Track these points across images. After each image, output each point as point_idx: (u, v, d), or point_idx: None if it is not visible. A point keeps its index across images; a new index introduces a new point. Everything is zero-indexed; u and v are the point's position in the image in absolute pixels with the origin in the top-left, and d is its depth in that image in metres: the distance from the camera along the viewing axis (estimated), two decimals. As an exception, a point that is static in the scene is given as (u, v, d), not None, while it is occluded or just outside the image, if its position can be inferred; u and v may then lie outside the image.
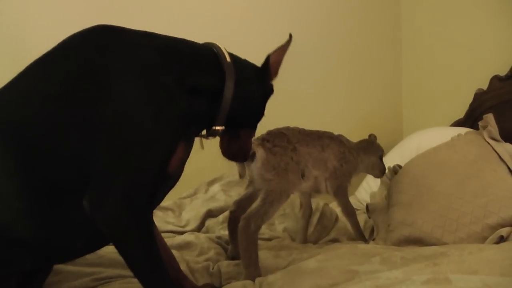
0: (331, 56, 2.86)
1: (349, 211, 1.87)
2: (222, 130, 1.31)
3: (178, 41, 1.25)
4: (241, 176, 1.65)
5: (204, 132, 1.33)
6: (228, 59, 1.27)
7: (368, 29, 3.00)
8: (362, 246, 1.61)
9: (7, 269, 1.12)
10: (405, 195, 1.87)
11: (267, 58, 1.38)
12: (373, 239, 1.90)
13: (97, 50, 1.13)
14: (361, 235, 1.89)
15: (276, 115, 1.60)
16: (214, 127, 1.29)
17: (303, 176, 1.66)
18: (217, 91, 1.25)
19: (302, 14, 2.77)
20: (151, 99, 1.10)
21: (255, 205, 1.56)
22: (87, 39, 1.15)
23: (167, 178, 1.16)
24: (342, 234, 2.03)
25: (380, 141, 2.73)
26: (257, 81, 1.36)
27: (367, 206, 2.13)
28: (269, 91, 1.41)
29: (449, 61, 2.80)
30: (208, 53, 1.28)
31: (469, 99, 2.58)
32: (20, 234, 1.08)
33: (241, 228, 1.48)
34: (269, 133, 1.64)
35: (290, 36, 1.41)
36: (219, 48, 1.29)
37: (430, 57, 2.93)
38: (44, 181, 1.06)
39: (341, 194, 1.84)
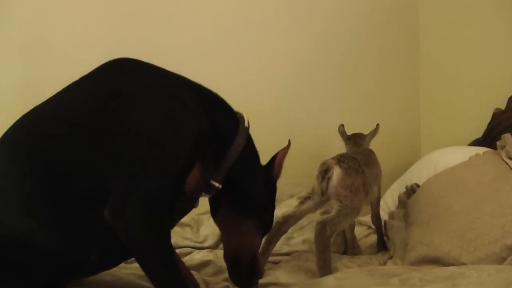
0: (349, 74, 2.88)
1: (379, 218, 2.06)
2: (218, 189, 1.33)
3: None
4: (323, 194, 1.73)
5: None
6: (246, 123, 1.38)
7: (386, 46, 3.01)
8: (380, 267, 1.61)
9: (25, 280, 1.14)
10: (423, 214, 1.87)
11: (274, 156, 1.49)
12: (390, 257, 1.91)
13: (122, 77, 1.25)
14: (383, 243, 2.04)
15: (292, 129, 1.64)
16: (211, 181, 1.31)
17: (367, 194, 1.82)
18: (227, 142, 1.34)
19: (321, 31, 2.79)
20: (170, 115, 1.19)
21: (329, 214, 1.72)
22: (113, 68, 1.27)
23: (184, 196, 1.21)
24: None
25: (398, 159, 2.75)
26: (261, 172, 1.46)
27: (384, 223, 2.14)
28: (271, 187, 1.49)
29: (467, 80, 2.80)
30: (230, 108, 1.41)
31: (487, 118, 2.58)
32: (39, 244, 1.12)
33: (317, 232, 1.63)
34: (342, 155, 1.80)
35: (289, 142, 1.52)
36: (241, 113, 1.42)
37: (448, 76, 2.93)
38: (67, 192, 1.12)
39: (379, 201, 2.05)
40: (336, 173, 1.69)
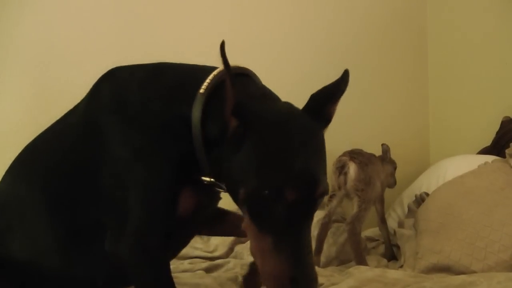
0: (357, 82, 2.88)
1: (385, 221, 2.14)
2: (212, 183, 1.09)
3: (168, 70, 1.21)
4: (340, 188, 1.91)
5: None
6: (202, 89, 1.06)
7: (395, 54, 3.02)
8: (391, 271, 1.61)
9: None
10: (433, 223, 1.88)
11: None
12: (401, 266, 1.91)
13: (99, 108, 1.17)
14: (391, 250, 2.11)
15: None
16: (201, 177, 1.10)
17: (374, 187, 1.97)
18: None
19: (327, 38, 2.81)
20: (147, 147, 1.10)
21: (352, 212, 1.90)
22: (94, 97, 1.20)
23: (183, 222, 1.14)
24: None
25: (407, 168, 2.74)
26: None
27: (394, 232, 2.14)
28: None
29: (475, 89, 2.81)
30: (192, 83, 1.10)
31: (496, 127, 2.58)
32: (47, 270, 1.18)
33: (350, 232, 1.83)
34: (352, 152, 1.96)
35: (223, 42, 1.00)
36: (215, 74, 1.11)
37: (456, 85, 2.94)
38: (71, 221, 1.17)
39: (383, 202, 2.14)
40: (352, 168, 1.84)
